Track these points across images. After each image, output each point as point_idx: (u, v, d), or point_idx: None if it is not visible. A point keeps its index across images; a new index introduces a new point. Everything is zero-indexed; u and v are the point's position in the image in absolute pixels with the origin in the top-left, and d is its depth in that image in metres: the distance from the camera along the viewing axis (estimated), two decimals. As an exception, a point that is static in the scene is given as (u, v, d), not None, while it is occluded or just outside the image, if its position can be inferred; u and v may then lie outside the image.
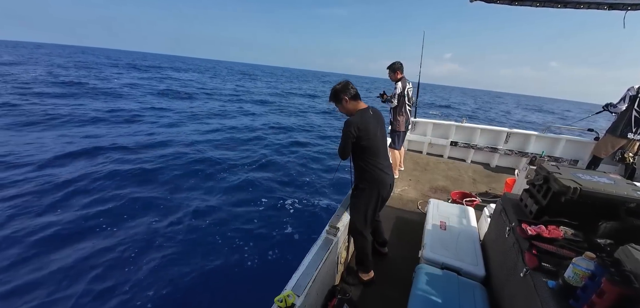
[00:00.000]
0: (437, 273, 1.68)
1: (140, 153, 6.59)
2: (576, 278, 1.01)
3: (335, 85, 1.86)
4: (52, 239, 3.48)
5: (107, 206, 4.26)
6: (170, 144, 7.45)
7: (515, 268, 1.34)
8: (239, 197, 4.98)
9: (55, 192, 4.45)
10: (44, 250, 3.32)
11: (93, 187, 4.75)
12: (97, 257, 3.30)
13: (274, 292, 1.35)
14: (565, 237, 1.30)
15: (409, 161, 4.58)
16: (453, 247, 1.93)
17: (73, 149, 6.23)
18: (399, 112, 3.59)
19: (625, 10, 2.22)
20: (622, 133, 3.39)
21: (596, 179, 1.42)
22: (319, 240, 1.79)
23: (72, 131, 7.74)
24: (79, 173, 5.12)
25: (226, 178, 5.70)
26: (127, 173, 5.36)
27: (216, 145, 7.83)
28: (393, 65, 3.50)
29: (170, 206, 4.45)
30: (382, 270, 2.16)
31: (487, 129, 4.66)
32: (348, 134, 1.73)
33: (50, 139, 6.92)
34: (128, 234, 3.73)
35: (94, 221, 3.89)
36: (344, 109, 1.86)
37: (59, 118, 8.75)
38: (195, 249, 3.61)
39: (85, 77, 20.17)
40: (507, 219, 1.62)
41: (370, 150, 1.79)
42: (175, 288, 3.01)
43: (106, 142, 7.00)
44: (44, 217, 3.87)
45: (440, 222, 2.22)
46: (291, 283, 1.45)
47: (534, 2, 2.46)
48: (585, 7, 2.35)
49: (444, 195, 3.51)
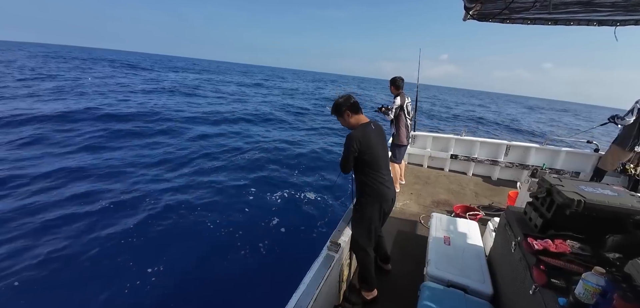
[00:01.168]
0: (443, 292, 1.63)
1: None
2: (587, 295, 0.98)
3: (337, 98, 1.87)
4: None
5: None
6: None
7: (524, 285, 1.30)
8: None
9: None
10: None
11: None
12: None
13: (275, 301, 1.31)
14: (573, 252, 1.27)
15: (410, 175, 4.56)
16: (458, 264, 1.88)
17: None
18: (400, 125, 3.62)
19: (615, 26, 2.30)
20: (631, 146, 3.33)
21: (600, 191, 1.41)
22: (319, 257, 1.75)
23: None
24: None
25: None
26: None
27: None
28: (393, 79, 3.58)
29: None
30: (385, 288, 2.10)
31: (487, 142, 4.67)
32: (350, 148, 1.73)
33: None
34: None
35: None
36: (345, 122, 1.87)
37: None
38: (188, 251, 3.63)
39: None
40: (512, 233, 1.59)
41: (372, 164, 1.78)
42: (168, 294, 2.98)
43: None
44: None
45: (444, 237, 2.18)
46: (291, 303, 1.40)
47: (525, 21, 2.54)
48: (575, 23, 2.42)
49: (447, 209, 3.47)
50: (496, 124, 19.74)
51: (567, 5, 1.94)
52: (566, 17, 2.29)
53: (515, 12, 2.23)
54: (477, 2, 2.01)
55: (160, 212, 4.38)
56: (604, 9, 1.94)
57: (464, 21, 2.66)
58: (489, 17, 2.41)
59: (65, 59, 38.91)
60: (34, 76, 17.99)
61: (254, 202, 5.01)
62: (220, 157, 7.05)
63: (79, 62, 35.81)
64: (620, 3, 1.81)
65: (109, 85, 17.60)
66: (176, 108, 12.57)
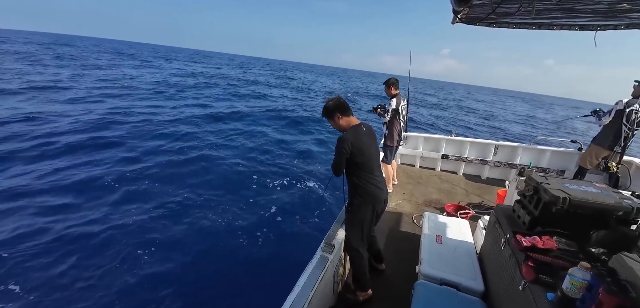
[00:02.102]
0: (436, 290, 1.65)
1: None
2: (574, 289, 1.01)
3: (328, 101, 1.87)
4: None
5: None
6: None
7: (514, 281, 1.33)
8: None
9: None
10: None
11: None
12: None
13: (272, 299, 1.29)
14: (560, 248, 1.31)
15: (402, 175, 4.61)
16: (450, 262, 1.91)
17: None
18: (393, 127, 3.66)
19: (595, 30, 2.41)
20: (609, 145, 3.46)
21: (584, 189, 1.46)
22: (314, 258, 1.74)
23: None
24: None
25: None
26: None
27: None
28: (388, 81, 3.61)
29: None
30: (379, 287, 2.11)
31: (476, 142, 4.79)
32: (341, 151, 1.73)
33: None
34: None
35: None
36: (336, 124, 1.87)
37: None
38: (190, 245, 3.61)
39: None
40: (502, 231, 1.63)
41: (364, 166, 1.79)
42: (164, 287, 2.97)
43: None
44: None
45: (436, 236, 2.21)
46: (286, 305, 1.38)
47: (510, 25, 2.63)
48: (557, 28, 2.53)
49: (438, 208, 3.52)
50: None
51: (550, 11, 2.02)
52: (549, 22, 2.38)
53: (501, 17, 2.30)
54: (465, 5, 2.06)
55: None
56: (585, 15, 2.03)
57: (453, 24, 2.73)
58: (477, 21, 2.48)
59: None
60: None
61: (252, 198, 4.98)
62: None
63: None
64: (599, 10, 1.89)
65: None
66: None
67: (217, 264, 3.44)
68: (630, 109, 3.25)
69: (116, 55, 41.30)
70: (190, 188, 5.09)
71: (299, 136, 9.67)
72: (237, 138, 8.56)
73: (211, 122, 10.16)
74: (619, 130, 3.36)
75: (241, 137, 8.73)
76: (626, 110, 3.27)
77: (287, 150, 7.87)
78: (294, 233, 4.17)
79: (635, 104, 3.25)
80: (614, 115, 3.37)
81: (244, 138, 8.62)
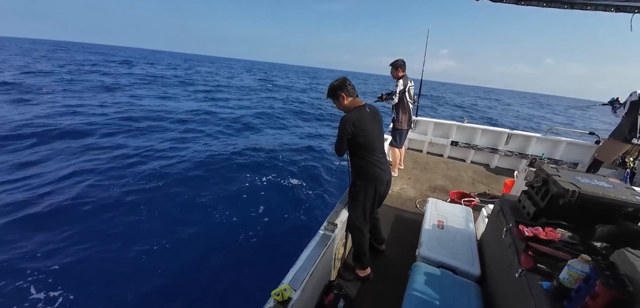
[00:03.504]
0: (433, 272, 1.69)
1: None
2: (570, 280, 1.02)
3: (333, 82, 1.86)
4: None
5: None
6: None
7: (511, 269, 1.34)
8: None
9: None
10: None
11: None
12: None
13: (271, 282, 1.37)
14: (562, 240, 1.31)
15: (409, 160, 4.57)
16: (450, 246, 1.94)
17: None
18: (402, 110, 3.57)
19: (632, 13, 2.20)
20: (627, 138, 3.36)
21: (595, 183, 1.42)
22: (316, 236, 1.80)
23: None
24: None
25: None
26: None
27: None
28: (395, 62, 3.48)
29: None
30: (378, 267, 2.18)
31: (488, 130, 4.64)
32: (343, 131, 1.74)
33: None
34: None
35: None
36: (340, 105, 1.87)
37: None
38: (195, 233, 3.71)
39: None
40: (505, 220, 1.62)
41: (366, 147, 1.79)
42: (170, 273, 3.09)
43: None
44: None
45: (438, 221, 2.23)
46: (288, 277, 1.46)
47: (540, 3, 2.42)
48: (592, 8, 2.32)
49: (443, 195, 3.51)
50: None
51: (584, -12, 1.85)
52: (583, 1, 2.19)
53: (529, -6, 2.13)
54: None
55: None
56: (622, -6, 1.85)
57: (477, 1, 2.54)
58: (502, -1, 2.30)
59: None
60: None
61: (250, 188, 5.08)
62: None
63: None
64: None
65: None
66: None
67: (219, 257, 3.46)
68: None
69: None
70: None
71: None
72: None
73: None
74: (635, 122, 3.25)
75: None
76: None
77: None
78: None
79: None
80: (629, 107, 3.28)
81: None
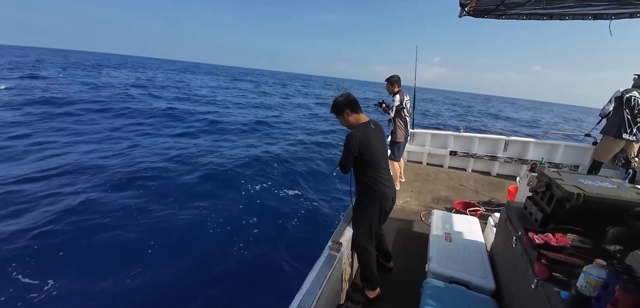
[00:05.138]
0: (445, 288, 1.63)
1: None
2: (589, 287, 0.99)
3: (337, 97, 1.86)
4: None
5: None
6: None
7: (525, 279, 1.30)
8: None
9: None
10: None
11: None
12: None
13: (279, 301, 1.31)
14: (574, 245, 1.28)
15: (410, 172, 4.57)
16: (460, 259, 1.89)
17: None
18: (399, 123, 3.63)
19: (610, 19, 2.31)
20: (617, 133, 3.43)
21: (599, 184, 1.42)
22: (321, 256, 1.75)
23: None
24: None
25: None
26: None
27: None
28: (391, 78, 3.58)
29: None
30: (388, 286, 2.10)
31: (485, 138, 4.69)
32: (350, 148, 1.72)
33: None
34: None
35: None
36: (344, 121, 1.86)
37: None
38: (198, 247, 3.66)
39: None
40: (513, 228, 1.59)
41: (372, 164, 1.78)
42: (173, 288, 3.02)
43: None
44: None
45: (444, 234, 2.18)
46: (294, 304, 1.40)
47: (520, 16, 2.55)
48: (570, 18, 2.44)
49: (447, 206, 3.48)
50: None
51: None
52: (561, 11, 2.30)
53: (510, 8, 2.24)
54: (472, -2, 2.02)
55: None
56: (599, 2, 1.96)
57: (460, 18, 2.67)
58: (484, 13, 2.42)
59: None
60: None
61: (261, 200, 5.04)
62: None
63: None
64: (614, -4, 1.82)
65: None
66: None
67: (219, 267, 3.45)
68: (629, 95, 3.30)
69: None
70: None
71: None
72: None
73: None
74: (623, 117, 3.36)
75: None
76: (624, 96, 3.31)
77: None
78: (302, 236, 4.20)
79: (634, 92, 3.29)
80: (615, 103, 3.40)
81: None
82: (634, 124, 3.33)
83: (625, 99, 3.29)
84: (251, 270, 3.43)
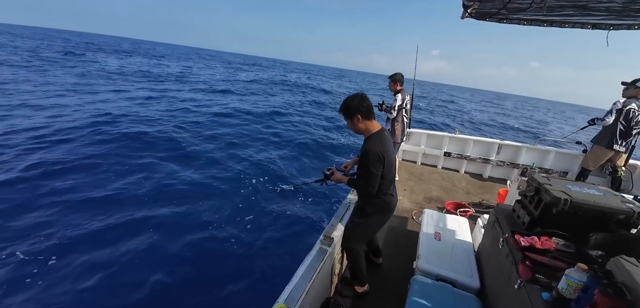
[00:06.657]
0: (432, 285, 1.66)
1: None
2: (569, 290, 1.01)
3: (349, 97, 1.62)
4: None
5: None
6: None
7: (510, 280, 1.33)
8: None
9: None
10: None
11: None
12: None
13: (266, 299, 1.32)
14: (558, 248, 1.31)
15: (404, 171, 4.60)
16: (448, 258, 1.92)
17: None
18: (397, 122, 3.63)
19: (608, 30, 2.34)
20: (609, 144, 3.50)
21: (586, 191, 1.45)
22: (312, 250, 1.76)
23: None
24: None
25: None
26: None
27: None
28: (394, 76, 3.56)
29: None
30: (376, 281, 2.13)
31: (479, 140, 4.74)
32: (376, 167, 1.52)
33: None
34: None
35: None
36: (353, 126, 1.63)
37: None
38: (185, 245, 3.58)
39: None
40: (501, 230, 1.63)
41: (387, 177, 1.64)
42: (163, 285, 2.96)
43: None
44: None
45: (435, 233, 2.22)
46: (284, 295, 1.41)
47: (521, 21, 2.56)
48: (569, 26, 2.46)
49: (438, 205, 3.52)
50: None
51: (562, 7, 1.96)
52: (561, 19, 2.32)
53: (512, 12, 2.25)
54: (475, 0, 2.01)
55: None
56: (598, 13, 1.97)
57: (462, 19, 2.66)
58: (486, 16, 2.42)
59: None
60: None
61: (249, 192, 5.01)
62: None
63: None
64: (613, 8, 1.84)
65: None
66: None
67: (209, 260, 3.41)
68: (628, 107, 3.34)
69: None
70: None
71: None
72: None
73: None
74: (616, 128, 3.42)
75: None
76: (624, 109, 3.35)
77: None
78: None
79: (632, 104, 3.34)
80: (616, 115, 3.43)
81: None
82: (626, 135, 3.39)
83: (624, 112, 3.33)
84: (242, 264, 3.41)
